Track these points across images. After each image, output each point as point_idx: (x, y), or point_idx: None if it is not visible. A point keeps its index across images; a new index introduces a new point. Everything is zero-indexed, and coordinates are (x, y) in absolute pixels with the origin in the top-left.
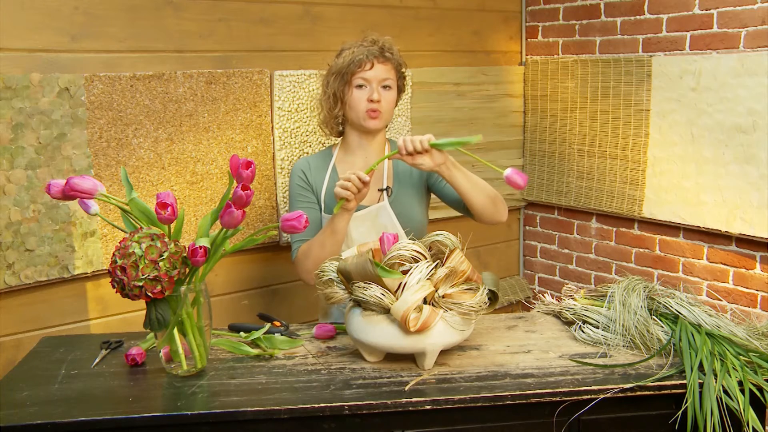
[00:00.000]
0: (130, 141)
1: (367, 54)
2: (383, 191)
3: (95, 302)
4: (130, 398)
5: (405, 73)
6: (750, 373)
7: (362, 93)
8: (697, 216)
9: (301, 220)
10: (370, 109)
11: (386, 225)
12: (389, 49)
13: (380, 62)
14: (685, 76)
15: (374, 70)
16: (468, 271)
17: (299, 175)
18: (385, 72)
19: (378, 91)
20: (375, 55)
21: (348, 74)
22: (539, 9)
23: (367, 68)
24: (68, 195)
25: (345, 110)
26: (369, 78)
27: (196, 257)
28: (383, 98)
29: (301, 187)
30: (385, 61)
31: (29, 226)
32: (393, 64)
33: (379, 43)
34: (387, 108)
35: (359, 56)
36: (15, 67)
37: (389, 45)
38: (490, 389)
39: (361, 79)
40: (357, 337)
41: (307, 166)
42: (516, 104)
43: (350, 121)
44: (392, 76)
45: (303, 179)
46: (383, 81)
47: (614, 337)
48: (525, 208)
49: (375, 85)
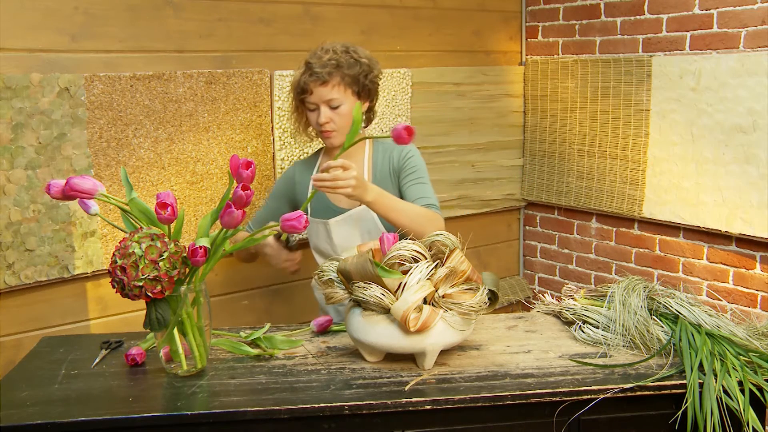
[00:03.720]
0: (130, 141)
1: (306, 80)
2: None
3: (95, 302)
4: (130, 398)
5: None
6: (750, 373)
7: (314, 115)
8: (697, 216)
9: (300, 221)
10: (324, 131)
11: (369, 227)
12: (325, 65)
13: (319, 85)
14: (685, 76)
15: (315, 95)
16: (468, 271)
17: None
18: (327, 93)
19: (324, 113)
20: (313, 80)
21: (297, 100)
22: (539, 9)
23: (309, 94)
24: (68, 195)
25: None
26: (314, 102)
27: (196, 257)
28: (332, 119)
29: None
30: (324, 83)
31: (29, 226)
32: (338, 80)
33: (320, 60)
34: (341, 124)
35: (301, 84)
36: (15, 67)
37: (327, 60)
38: (490, 389)
39: (310, 103)
40: (357, 337)
41: (293, 173)
42: (516, 104)
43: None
44: (337, 94)
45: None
46: (329, 102)
47: (614, 337)
48: (525, 208)
49: (323, 107)
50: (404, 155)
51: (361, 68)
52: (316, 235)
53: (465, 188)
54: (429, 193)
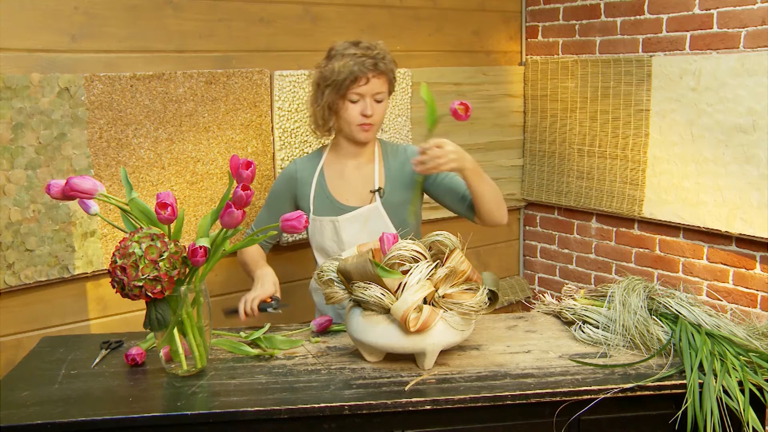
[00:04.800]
0: (130, 141)
1: (362, 68)
2: (375, 192)
3: (95, 302)
4: (130, 398)
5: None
6: (750, 373)
7: (356, 107)
8: (697, 216)
9: (300, 221)
10: (363, 124)
11: (378, 226)
12: (383, 58)
13: (375, 76)
14: (685, 76)
15: (369, 85)
16: (468, 271)
17: (284, 181)
18: (379, 86)
19: (371, 105)
20: (370, 69)
21: (343, 89)
22: (539, 9)
23: (362, 83)
24: (68, 195)
25: (338, 121)
26: (363, 93)
27: (196, 257)
28: (375, 112)
29: (279, 196)
30: (379, 75)
31: (29, 226)
32: (387, 76)
33: (374, 52)
34: (378, 120)
35: (355, 71)
36: (15, 67)
37: (383, 53)
38: (490, 389)
39: (356, 94)
40: (357, 337)
41: (295, 170)
42: (516, 104)
43: (341, 130)
44: (385, 89)
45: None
46: (377, 95)
47: (614, 337)
48: (525, 208)
49: (369, 99)
50: None
51: (395, 68)
52: (320, 234)
53: None
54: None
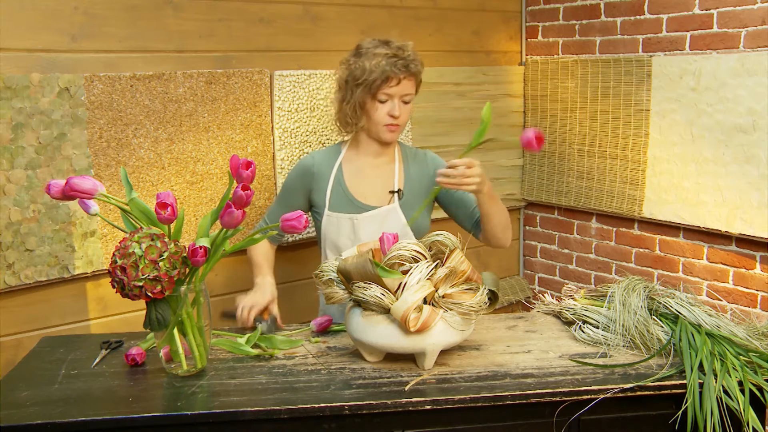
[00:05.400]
0: (130, 141)
1: (394, 69)
2: (394, 193)
3: (95, 302)
4: (130, 398)
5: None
6: (750, 373)
7: (384, 107)
8: (697, 216)
9: (300, 221)
10: (390, 124)
11: (394, 227)
12: (413, 60)
13: (406, 77)
14: (685, 76)
15: (400, 86)
16: (468, 271)
17: (299, 174)
18: (408, 87)
19: (399, 106)
20: (402, 71)
21: (374, 89)
22: (539, 9)
23: (393, 84)
24: (68, 195)
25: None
26: (393, 93)
27: (196, 257)
28: (402, 113)
29: (293, 189)
30: (410, 76)
31: (29, 226)
32: (416, 77)
33: (405, 53)
34: (404, 121)
35: (387, 71)
36: (15, 67)
37: (413, 55)
38: (490, 389)
39: (385, 94)
40: (357, 337)
41: (312, 164)
42: (516, 104)
43: (367, 129)
44: (413, 90)
45: (300, 180)
46: (405, 96)
47: (614, 337)
48: (525, 208)
49: (397, 100)
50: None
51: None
52: (336, 231)
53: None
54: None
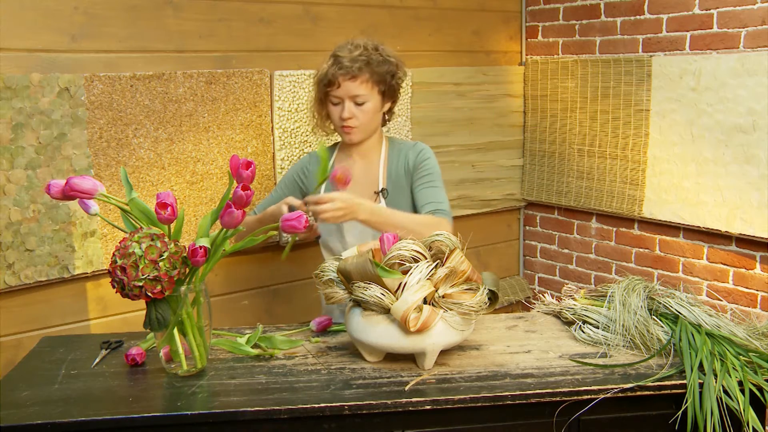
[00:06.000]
0: (130, 141)
1: (334, 72)
2: (379, 193)
3: (95, 302)
4: (130, 398)
5: (397, 75)
6: (750, 373)
7: (337, 109)
8: (697, 216)
9: (300, 221)
10: (344, 126)
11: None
12: (366, 61)
13: (348, 79)
14: (685, 76)
15: (342, 89)
16: (468, 271)
17: (297, 170)
18: (354, 89)
19: (349, 108)
20: (342, 74)
21: (321, 93)
22: (539, 9)
23: (335, 88)
24: (68, 195)
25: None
26: (339, 96)
27: (196, 257)
28: (355, 115)
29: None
30: (353, 78)
31: (29, 226)
32: (367, 77)
33: (351, 54)
34: (364, 121)
35: (328, 74)
36: (15, 67)
37: (368, 55)
38: (490, 389)
39: (335, 97)
40: (357, 337)
41: (309, 162)
42: (516, 104)
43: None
44: (365, 91)
45: (297, 175)
46: (354, 98)
47: (614, 337)
48: (525, 208)
49: (347, 102)
50: (420, 157)
51: (389, 67)
52: (328, 233)
53: (465, 188)
54: (440, 198)
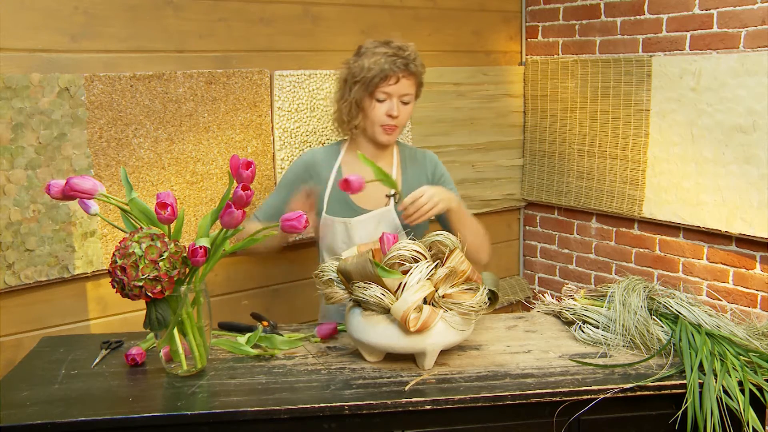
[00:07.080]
0: (130, 141)
1: (393, 67)
2: (391, 197)
3: (95, 302)
4: (130, 398)
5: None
6: (750, 373)
7: (382, 106)
8: (697, 216)
9: (300, 221)
10: (387, 125)
11: (391, 229)
12: (414, 60)
13: (405, 76)
14: (685, 76)
15: (398, 85)
16: (468, 271)
17: (300, 170)
18: (407, 87)
19: (398, 106)
20: (401, 69)
21: (372, 86)
22: (539, 9)
23: (391, 83)
24: (68, 195)
25: (362, 120)
26: (391, 92)
27: (196, 257)
28: (401, 113)
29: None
30: (409, 76)
31: (29, 226)
32: (416, 78)
33: (405, 53)
34: (402, 122)
35: (386, 69)
36: (15, 67)
37: (414, 55)
38: (490, 389)
39: (384, 93)
40: (357, 337)
41: (313, 163)
42: (516, 104)
43: (363, 129)
44: (413, 91)
45: (300, 176)
46: (404, 96)
47: (614, 337)
48: (525, 208)
49: (396, 99)
50: (438, 171)
51: (422, 73)
52: (332, 235)
53: (465, 188)
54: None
